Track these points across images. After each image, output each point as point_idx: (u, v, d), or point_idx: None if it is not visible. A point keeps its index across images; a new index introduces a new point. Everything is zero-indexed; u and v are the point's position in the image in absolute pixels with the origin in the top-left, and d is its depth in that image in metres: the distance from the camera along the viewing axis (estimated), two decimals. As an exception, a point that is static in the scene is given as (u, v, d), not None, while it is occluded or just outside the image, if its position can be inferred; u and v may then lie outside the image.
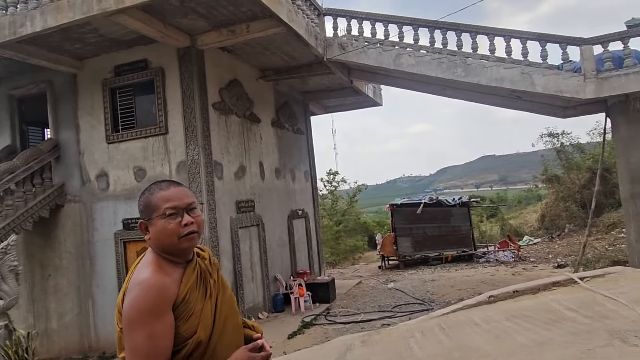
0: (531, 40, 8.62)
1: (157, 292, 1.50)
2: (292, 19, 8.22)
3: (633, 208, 8.71)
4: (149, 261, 1.60)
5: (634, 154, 8.60)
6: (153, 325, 1.46)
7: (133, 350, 1.46)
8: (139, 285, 1.51)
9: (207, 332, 1.57)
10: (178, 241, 1.59)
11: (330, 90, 13.54)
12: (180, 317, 1.53)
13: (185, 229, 1.59)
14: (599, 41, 8.19)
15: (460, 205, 15.17)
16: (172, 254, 1.61)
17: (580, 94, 8.22)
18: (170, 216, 1.59)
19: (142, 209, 1.65)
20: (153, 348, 1.45)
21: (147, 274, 1.54)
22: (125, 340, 1.50)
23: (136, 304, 1.47)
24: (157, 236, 1.60)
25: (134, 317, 1.47)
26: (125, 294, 1.54)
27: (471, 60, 8.87)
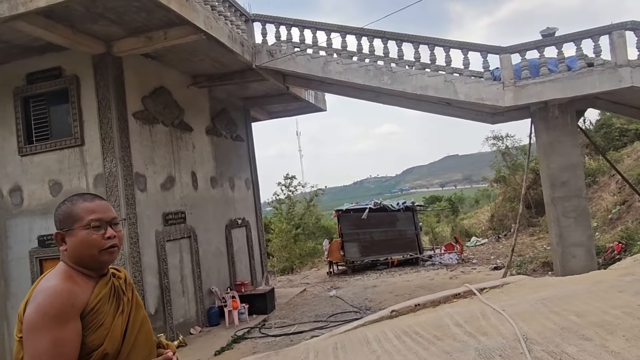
0: (453, 48, 8.70)
1: (64, 298, 1.46)
2: (210, 26, 7.98)
3: (553, 212, 8.91)
4: (59, 271, 1.57)
5: (553, 159, 8.80)
6: (58, 331, 1.41)
7: (35, 356, 1.40)
8: (44, 292, 1.47)
9: (114, 346, 1.54)
10: (98, 253, 1.58)
11: (269, 97, 13.34)
12: (88, 327, 1.50)
13: (107, 242, 1.60)
14: (517, 50, 8.34)
15: (404, 210, 15.25)
16: (87, 267, 1.59)
17: (499, 102, 8.34)
18: (94, 228, 1.58)
19: (61, 218, 1.61)
20: (57, 354, 1.39)
21: (54, 281, 1.51)
22: (26, 347, 1.43)
23: (41, 309, 1.42)
24: (76, 247, 1.57)
25: (37, 322, 1.41)
26: (28, 303, 1.49)
27: (397, 68, 8.87)
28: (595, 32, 7.98)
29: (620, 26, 7.82)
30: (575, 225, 8.72)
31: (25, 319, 1.46)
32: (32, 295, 1.50)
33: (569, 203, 8.73)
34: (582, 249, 8.68)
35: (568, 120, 8.69)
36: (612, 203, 15.85)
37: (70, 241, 1.59)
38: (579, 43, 8.12)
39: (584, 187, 8.78)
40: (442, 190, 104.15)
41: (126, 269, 8.14)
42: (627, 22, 7.81)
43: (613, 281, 4.29)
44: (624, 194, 15.36)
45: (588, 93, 8.08)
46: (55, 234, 1.63)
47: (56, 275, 1.56)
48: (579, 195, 8.72)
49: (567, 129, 8.71)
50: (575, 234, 8.72)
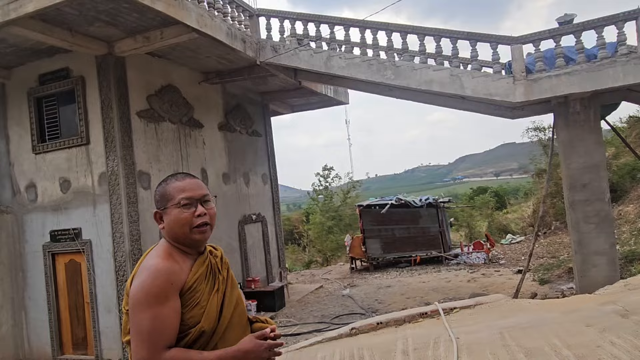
0: (461, 39, 8.10)
1: (165, 277, 1.53)
2: (204, 24, 7.88)
3: (573, 217, 8.18)
4: (160, 249, 1.65)
5: (573, 159, 8.05)
6: (159, 308, 1.49)
7: (138, 331, 1.49)
8: (147, 270, 1.55)
9: (211, 324, 1.59)
10: (190, 231, 1.64)
11: (286, 91, 13.16)
12: (186, 305, 1.56)
13: (198, 220, 1.66)
14: (530, 40, 7.63)
15: (427, 206, 14.66)
16: (183, 244, 1.66)
17: (510, 97, 7.70)
18: (184, 206, 1.64)
19: (157, 198, 1.71)
20: (157, 330, 1.47)
21: (156, 260, 1.59)
22: (130, 322, 1.53)
23: (144, 287, 1.51)
24: (170, 226, 1.65)
25: (140, 299, 1.50)
26: (134, 278, 1.59)
27: (400, 62, 8.40)
28: (619, 17, 7.13)
29: (649, 11, 6.93)
30: (597, 232, 7.95)
31: (130, 294, 1.56)
32: (138, 271, 1.60)
33: (590, 207, 7.96)
34: (603, 258, 7.91)
35: (591, 115, 7.89)
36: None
37: (166, 220, 1.67)
38: (601, 31, 7.29)
39: (607, 189, 7.96)
40: (496, 180, 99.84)
41: (126, 266, 8.36)
42: (657, 6, 6.91)
43: (589, 311, 3.79)
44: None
45: (610, 87, 7.26)
46: (154, 213, 1.72)
47: (158, 252, 1.64)
48: (601, 199, 7.93)
49: (590, 125, 7.91)
50: (596, 241, 7.95)
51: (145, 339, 1.48)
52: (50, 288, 9.02)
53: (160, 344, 1.49)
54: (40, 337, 9.21)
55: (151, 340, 1.48)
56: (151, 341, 1.48)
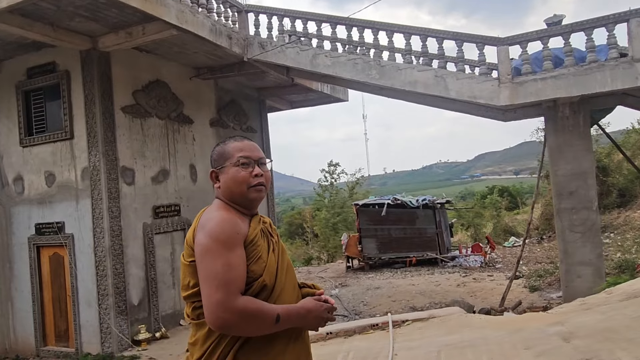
0: (447, 39, 7.86)
1: (231, 225, 1.54)
2: (185, 21, 7.81)
3: (559, 225, 7.92)
4: (219, 206, 1.66)
5: (561, 165, 7.77)
6: (229, 254, 1.49)
7: (211, 276, 1.47)
8: (213, 220, 1.55)
9: (272, 280, 1.59)
10: (247, 190, 1.65)
11: (282, 87, 13.02)
12: (249, 257, 1.56)
13: (255, 180, 1.65)
14: (516, 41, 7.36)
15: (424, 207, 14.42)
16: (239, 204, 1.67)
17: (494, 101, 7.46)
18: (242, 165, 1.65)
19: (215, 157, 1.73)
20: (230, 276, 1.47)
21: (219, 212, 1.60)
22: (200, 269, 1.51)
23: (213, 234, 1.51)
24: (227, 184, 1.66)
25: (210, 246, 1.49)
26: (196, 230, 1.58)
27: (385, 62, 8.20)
28: (609, 19, 6.80)
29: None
30: (583, 241, 7.68)
31: (197, 243, 1.54)
32: (199, 223, 1.59)
33: (577, 216, 7.69)
34: (589, 268, 7.64)
35: (580, 121, 7.60)
36: (668, 210, 13.91)
37: (222, 178, 1.68)
38: (590, 33, 6.98)
39: (595, 198, 7.67)
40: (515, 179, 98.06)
41: (106, 261, 8.40)
42: (650, 8, 6.57)
43: (533, 332, 3.61)
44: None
45: (597, 92, 6.96)
46: (210, 172, 1.74)
47: (217, 208, 1.65)
48: (588, 207, 7.65)
49: (579, 131, 7.62)
50: (582, 251, 7.68)
51: (221, 283, 1.46)
52: (34, 280, 9.13)
53: (234, 288, 1.48)
54: (25, 328, 9.35)
55: (226, 283, 1.46)
56: (225, 285, 1.46)
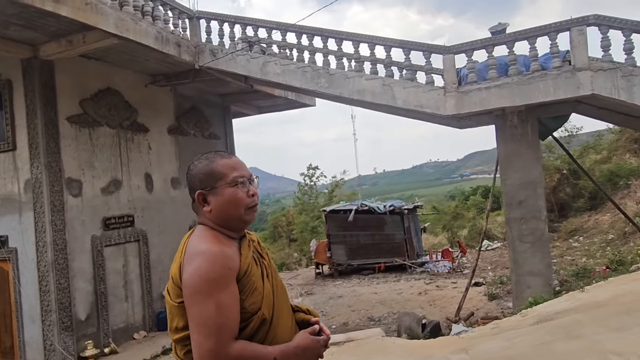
0: (394, 47, 7.73)
1: (222, 261, 1.40)
2: (125, 29, 7.60)
3: (509, 234, 7.84)
4: (205, 234, 1.50)
5: (509, 175, 7.69)
6: (221, 295, 1.36)
7: (201, 322, 1.35)
8: (202, 255, 1.41)
9: (270, 310, 1.49)
10: (244, 212, 1.52)
11: (246, 93, 12.83)
12: (244, 291, 1.44)
13: (252, 200, 1.53)
14: (462, 50, 7.25)
15: (392, 213, 14.31)
16: (230, 227, 1.53)
17: (440, 110, 7.34)
18: (241, 184, 1.51)
19: (202, 177, 1.53)
20: (223, 319, 1.35)
21: (207, 244, 1.44)
22: (190, 313, 1.38)
23: (202, 273, 1.37)
24: (222, 206, 1.50)
25: (199, 287, 1.36)
26: (183, 265, 1.44)
27: (334, 70, 8.06)
28: (552, 28, 6.72)
29: (581, 21, 6.52)
30: (532, 252, 7.60)
31: (185, 284, 1.41)
32: (186, 258, 1.44)
33: (526, 226, 7.62)
34: (538, 279, 7.57)
35: (528, 130, 7.51)
36: (634, 213, 13.94)
37: (215, 200, 1.51)
38: (534, 41, 6.89)
39: (543, 207, 7.60)
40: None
41: (49, 276, 8.15)
42: (590, 17, 6.48)
43: (439, 358, 3.48)
44: (649, 203, 13.40)
45: (540, 101, 6.88)
46: (197, 194, 1.54)
47: (204, 238, 1.48)
48: (537, 217, 7.57)
49: (527, 140, 7.53)
50: (531, 261, 7.61)
51: (212, 330, 1.34)
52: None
53: (227, 334, 1.37)
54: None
55: (218, 331, 1.35)
56: (218, 332, 1.35)
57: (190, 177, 1.58)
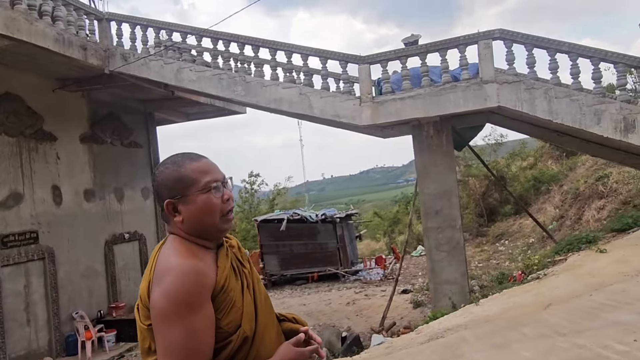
0: (311, 55, 7.60)
1: (194, 279, 1.26)
2: (18, 29, 6.94)
3: (426, 244, 7.89)
4: (176, 247, 1.33)
5: (427, 185, 7.74)
6: (192, 318, 1.23)
7: (169, 349, 1.23)
8: (171, 272, 1.26)
9: (251, 326, 1.36)
10: (219, 220, 1.38)
11: (170, 99, 12.26)
12: (220, 309, 1.30)
13: (227, 205, 1.40)
14: (377, 60, 7.24)
15: (324, 222, 14.21)
16: (205, 237, 1.38)
17: (356, 120, 7.28)
18: (214, 190, 1.37)
19: (170, 185, 1.37)
20: (194, 346, 1.23)
21: (178, 259, 1.29)
22: (158, 339, 1.26)
23: (171, 294, 1.23)
24: (195, 215, 1.35)
25: (168, 310, 1.23)
26: (152, 284, 1.29)
27: (251, 78, 7.79)
28: (460, 41, 6.84)
29: (487, 35, 6.68)
30: (448, 260, 7.68)
31: (153, 305, 1.27)
32: (155, 276, 1.30)
33: (442, 235, 7.69)
34: (454, 286, 7.65)
35: (443, 140, 7.60)
36: (552, 217, 14.70)
37: (186, 209, 1.36)
38: (444, 53, 6.99)
39: (458, 217, 7.71)
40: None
41: None
42: (495, 31, 6.66)
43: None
44: (565, 207, 14.20)
45: (452, 112, 6.97)
46: (165, 204, 1.37)
47: (175, 251, 1.33)
48: (453, 226, 7.67)
49: (442, 150, 7.62)
50: (448, 269, 7.69)
51: (182, 356, 1.23)
52: None
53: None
54: None
55: (188, 357, 1.23)
56: (188, 358, 1.23)
57: (157, 184, 1.42)
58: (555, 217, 14.41)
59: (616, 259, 4.56)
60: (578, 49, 6.35)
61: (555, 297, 3.91)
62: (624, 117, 6.14)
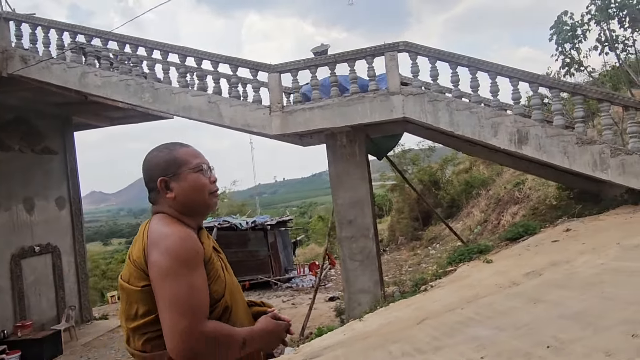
0: (221, 62, 7.41)
1: (191, 242, 1.38)
2: None
3: (341, 254, 7.88)
4: (167, 221, 1.44)
5: (340, 194, 7.74)
6: (193, 275, 1.34)
7: (174, 302, 1.30)
8: (170, 237, 1.37)
9: (232, 299, 1.49)
10: (208, 197, 1.53)
11: (89, 103, 11.60)
12: (209, 277, 1.41)
13: (214, 186, 1.56)
14: (286, 69, 7.16)
15: (254, 229, 14.01)
16: (193, 214, 1.51)
17: (266, 130, 7.16)
18: (203, 171, 1.52)
19: (163, 165, 1.50)
20: (196, 300, 1.33)
21: (172, 227, 1.41)
22: (161, 294, 1.32)
23: (173, 253, 1.33)
24: (186, 192, 1.48)
25: (171, 267, 1.32)
26: (147, 248, 1.37)
27: (160, 84, 7.49)
28: (368, 52, 6.90)
29: (393, 47, 6.77)
30: (362, 270, 7.71)
31: (154, 264, 1.34)
32: (151, 241, 1.37)
33: (356, 244, 7.70)
34: (368, 296, 7.68)
35: (356, 149, 7.62)
36: (477, 221, 15.27)
37: (178, 186, 1.47)
38: (353, 64, 7.02)
39: (371, 226, 7.75)
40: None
41: None
42: (400, 43, 6.76)
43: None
44: (489, 211, 14.80)
45: (359, 123, 7.01)
46: (159, 181, 1.47)
47: (167, 223, 1.41)
48: (366, 235, 7.70)
49: (355, 159, 7.64)
50: (361, 279, 7.71)
51: (187, 309, 1.29)
52: None
53: (201, 312, 1.33)
54: None
55: (192, 310, 1.30)
56: (192, 311, 1.30)
57: (149, 166, 1.53)
58: (480, 221, 14.94)
59: (497, 270, 4.70)
60: (476, 63, 6.57)
61: (432, 311, 3.96)
62: (518, 129, 6.40)
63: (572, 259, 4.45)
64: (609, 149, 6.12)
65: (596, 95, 6.33)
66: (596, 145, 6.16)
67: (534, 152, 6.35)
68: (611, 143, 6.21)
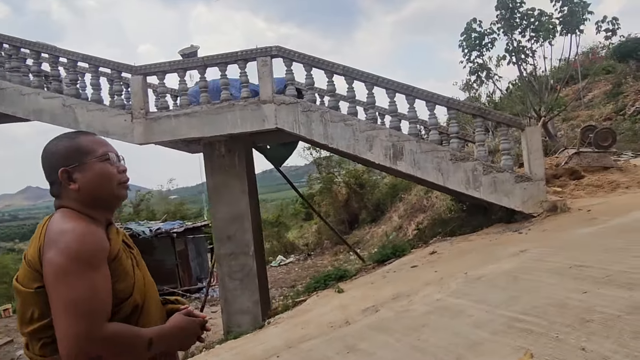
0: (80, 62, 6.63)
1: (93, 239, 1.28)
2: None
3: (220, 272, 7.34)
4: (69, 215, 1.32)
5: (219, 208, 7.17)
6: (93, 274, 1.24)
7: (70, 303, 1.20)
8: (69, 233, 1.26)
9: (142, 298, 1.38)
10: (116, 187, 1.41)
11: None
12: (114, 275, 1.31)
13: (123, 176, 1.44)
14: (152, 71, 6.50)
15: (159, 237, 13.16)
16: (100, 206, 1.39)
17: (127, 138, 6.46)
18: (111, 160, 1.41)
19: (65, 154, 1.37)
20: (96, 302, 1.22)
21: (73, 223, 1.29)
22: (55, 297, 1.22)
23: (71, 252, 1.23)
24: (92, 182, 1.36)
25: (68, 267, 1.22)
26: (43, 247, 1.26)
27: (8, 84, 6.60)
28: (240, 56, 6.36)
29: (265, 52, 6.27)
30: (242, 289, 7.19)
31: (50, 264, 1.23)
32: (48, 240, 1.26)
33: (235, 262, 7.18)
34: (247, 316, 7.18)
35: (236, 160, 7.07)
36: (393, 227, 15.19)
37: (83, 177, 1.35)
38: (224, 68, 6.46)
39: (251, 242, 7.24)
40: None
41: None
42: (272, 48, 6.27)
43: None
44: (404, 218, 14.75)
45: (230, 132, 6.47)
46: (61, 172, 1.34)
47: (69, 218, 1.30)
48: (246, 252, 7.19)
49: (235, 171, 7.09)
50: (241, 299, 7.20)
51: (84, 311, 1.19)
52: None
53: (101, 315, 1.22)
54: None
55: (90, 312, 1.19)
56: (90, 313, 1.19)
57: (49, 155, 1.38)
58: (395, 227, 14.86)
59: (341, 303, 4.31)
60: (352, 72, 6.18)
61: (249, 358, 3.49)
62: (393, 143, 6.08)
63: (415, 291, 4.13)
64: (481, 166, 5.93)
65: (469, 111, 6.14)
66: (469, 162, 5.96)
67: (409, 168, 6.07)
68: (484, 160, 6.03)
